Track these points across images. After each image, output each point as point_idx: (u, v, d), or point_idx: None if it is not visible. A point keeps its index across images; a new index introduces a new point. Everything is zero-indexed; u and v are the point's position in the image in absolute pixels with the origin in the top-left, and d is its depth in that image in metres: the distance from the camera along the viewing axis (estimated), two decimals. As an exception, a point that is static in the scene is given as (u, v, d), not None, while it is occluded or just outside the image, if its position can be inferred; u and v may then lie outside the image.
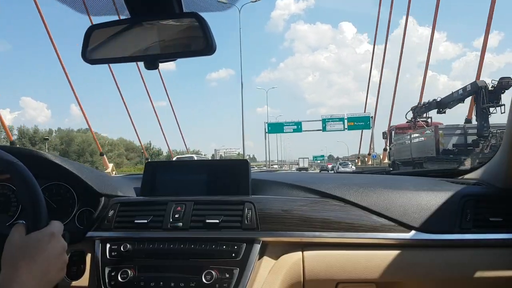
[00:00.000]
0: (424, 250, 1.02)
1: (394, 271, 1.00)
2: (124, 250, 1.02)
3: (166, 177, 1.25)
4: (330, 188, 1.15)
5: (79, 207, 1.17)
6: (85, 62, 0.94)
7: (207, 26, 0.88)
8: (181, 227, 1.05)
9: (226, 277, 0.96)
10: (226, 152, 67.23)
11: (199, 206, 1.09)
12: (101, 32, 0.94)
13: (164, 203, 1.11)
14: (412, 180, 1.33)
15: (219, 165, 1.27)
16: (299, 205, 1.09)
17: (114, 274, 1.00)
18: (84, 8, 1.03)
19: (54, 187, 1.20)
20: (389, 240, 1.02)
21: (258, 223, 1.04)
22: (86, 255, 1.10)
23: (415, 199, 1.09)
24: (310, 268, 1.01)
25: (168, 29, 0.94)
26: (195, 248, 1.01)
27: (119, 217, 1.10)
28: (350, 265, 1.01)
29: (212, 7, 1.03)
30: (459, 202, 1.06)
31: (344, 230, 1.03)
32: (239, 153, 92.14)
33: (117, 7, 0.97)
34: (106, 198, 1.15)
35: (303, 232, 1.03)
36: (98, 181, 1.17)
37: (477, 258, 1.01)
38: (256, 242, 1.01)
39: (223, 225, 1.04)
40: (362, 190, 1.13)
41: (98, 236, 1.08)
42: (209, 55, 0.90)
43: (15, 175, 0.79)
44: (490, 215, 1.04)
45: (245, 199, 1.10)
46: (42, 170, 1.10)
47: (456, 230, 1.02)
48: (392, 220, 1.05)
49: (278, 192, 1.20)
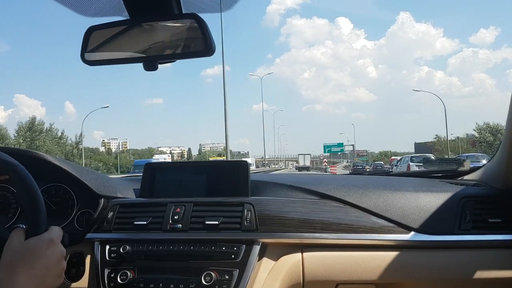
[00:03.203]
0: (424, 251, 1.02)
1: (393, 272, 1.00)
2: (124, 251, 1.02)
3: (166, 179, 1.25)
4: (329, 189, 1.15)
5: (78, 208, 1.17)
6: (84, 63, 0.94)
7: (206, 27, 0.87)
8: (180, 228, 1.05)
9: (225, 278, 0.96)
10: (213, 147, 66.90)
11: (199, 208, 1.09)
12: (100, 33, 0.94)
13: (163, 205, 1.11)
14: (411, 181, 1.33)
15: (219, 166, 1.27)
16: (299, 206, 1.09)
17: (113, 276, 1.00)
18: (82, 8, 1.02)
19: (53, 188, 1.19)
20: (389, 241, 1.02)
21: (258, 224, 1.03)
22: (85, 256, 1.09)
23: (414, 200, 1.09)
24: (309, 269, 1.01)
25: (167, 30, 0.94)
26: (195, 250, 1.01)
27: (118, 219, 1.10)
28: (349, 266, 1.01)
29: (211, 8, 1.03)
30: (458, 203, 1.07)
31: (344, 231, 1.03)
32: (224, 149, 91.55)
33: (116, 8, 0.97)
34: (106, 199, 1.15)
35: (303, 233, 1.03)
36: (97, 182, 1.17)
37: (476, 259, 1.01)
38: (255, 244, 1.01)
39: (222, 226, 1.04)
40: (361, 191, 1.13)
41: (98, 238, 1.08)
42: (209, 56, 0.90)
43: (16, 178, 0.79)
44: (489, 216, 1.05)
45: (244, 200, 1.10)
46: (41, 172, 1.10)
47: (455, 231, 1.02)
48: (392, 221, 1.05)
49: (277, 193, 1.20)
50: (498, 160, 1.16)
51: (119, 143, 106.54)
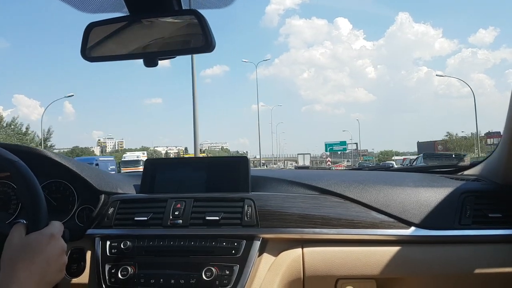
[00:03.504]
0: (424, 246, 1.03)
1: (393, 267, 1.00)
2: (124, 247, 1.02)
3: (166, 174, 1.25)
4: (329, 184, 1.16)
5: (79, 204, 1.17)
6: (84, 59, 0.94)
7: (206, 23, 0.87)
8: (181, 224, 1.05)
9: (226, 273, 0.96)
10: (210, 147, 66.69)
11: (199, 203, 1.09)
12: (100, 30, 0.94)
13: (164, 200, 1.11)
14: (411, 176, 1.33)
15: (219, 162, 1.27)
16: (299, 201, 1.09)
17: (114, 271, 1.00)
18: (82, 5, 1.02)
19: (54, 184, 1.20)
20: (389, 237, 1.03)
21: (258, 220, 1.04)
22: (86, 252, 1.10)
23: (414, 196, 1.09)
24: (310, 265, 1.02)
25: (167, 26, 0.93)
26: (195, 245, 1.01)
27: (119, 215, 1.10)
28: (350, 261, 1.01)
29: (211, 4, 1.03)
30: (459, 198, 1.07)
31: (344, 227, 1.03)
32: (222, 147, 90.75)
33: (116, 5, 0.97)
34: (106, 195, 1.15)
35: (303, 229, 1.03)
36: (98, 178, 1.17)
37: (477, 254, 1.01)
38: (256, 239, 1.01)
39: (223, 222, 1.04)
40: (361, 187, 1.13)
41: (98, 234, 1.08)
42: (209, 52, 0.90)
43: (16, 174, 0.79)
44: (490, 211, 1.05)
45: (245, 196, 1.10)
46: (42, 168, 1.10)
47: (455, 226, 1.03)
48: (392, 217, 1.05)
49: (277, 188, 1.20)
50: (498, 155, 1.16)
51: (115, 143, 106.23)
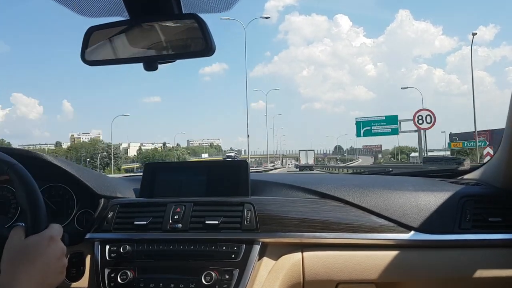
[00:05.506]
0: (424, 251, 1.02)
1: (393, 272, 1.00)
2: (124, 251, 1.02)
3: (166, 178, 1.25)
4: (329, 188, 1.16)
5: (78, 208, 1.17)
6: (84, 63, 0.94)
7: (207, 27, 0.88)
8: (180, 228, 1.05)
9: (225, 278, 0.96)
10: (201, 143, 67.01)
11: (199, 207, 1.09)
12: (100, 34, 0.94)
13: (163, 204, 1.11)
14: (411, 180, 1.33)
15: (219, 166, 1.27)
16: (299, 206, 1.09)
17: (113, 276, 1.00)
18: (82, 9, 1.02)
19: (53, 188, 1.20)
20: (389, 241, 1.02)
21: (258, 224, 1.04)
22: (85, 256, 1.09)
23: (414, 200, 1.09)
24: (310, 269, 1.01)
25: (168, 30, 0.94)
26: (195, 249, 1.01)
27: (118, 219, 1.10)
28: (350, 266, 1.01)
29: (212, 8, 1.03)
30: (458, 203, 1.07)
31: (344, 231, 1.03)
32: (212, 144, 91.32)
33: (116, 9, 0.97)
34: (106, 199, 1.15)
35: (303, 233, 1.03)
36: (97, 182, 1.17)
37: (476, 258, 1.01)
38: (255, 243, 1.01)
39: (222, 226, 1.04)
40: (361, 191, 1.13)
41: (98, 238, 1.08)
42: (209, 56, 0.90)
43: (15, 177, 0.79)
44: (489, 215, 1.05)
45: (244, 200, 1.10)
46: (41, 172, 1.10)
47: (455, 230, 1.02)
48: (392, 221, 1.05)
49: (277, 193, 1.20)
50: (498, 159, 1.17)
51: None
